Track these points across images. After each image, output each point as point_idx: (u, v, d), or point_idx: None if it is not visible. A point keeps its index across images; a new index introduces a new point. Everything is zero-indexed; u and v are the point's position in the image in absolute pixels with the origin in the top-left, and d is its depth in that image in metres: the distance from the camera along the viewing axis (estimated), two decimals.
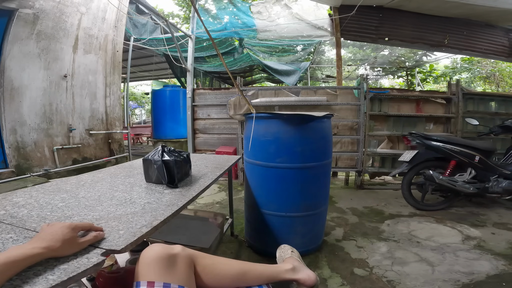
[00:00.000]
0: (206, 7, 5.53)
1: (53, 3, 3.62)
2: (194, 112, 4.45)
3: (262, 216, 1.87)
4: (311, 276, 0.95)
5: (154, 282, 0.65)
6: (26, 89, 3.38)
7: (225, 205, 2.99)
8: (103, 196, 1.06)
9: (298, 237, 1.85)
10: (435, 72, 10.47)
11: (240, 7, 4.89)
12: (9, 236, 0.71)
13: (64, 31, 3.81)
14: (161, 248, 0.72)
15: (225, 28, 5.00)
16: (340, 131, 3.95)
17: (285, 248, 1.12)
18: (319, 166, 1.79)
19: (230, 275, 0.82)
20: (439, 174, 2.74)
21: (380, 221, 2.57)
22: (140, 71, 9.61)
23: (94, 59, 4.40)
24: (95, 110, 4.47)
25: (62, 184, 1.23)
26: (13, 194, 1.07)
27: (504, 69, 10.65)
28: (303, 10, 4.76)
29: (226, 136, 4.38)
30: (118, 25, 4.82)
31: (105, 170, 1.56)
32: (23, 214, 0.86)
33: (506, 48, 4.94)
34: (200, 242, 1.62)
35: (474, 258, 1.87)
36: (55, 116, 3.77)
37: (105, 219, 0.83)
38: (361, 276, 1.68)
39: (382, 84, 13.89)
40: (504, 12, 4.16)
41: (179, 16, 11.80)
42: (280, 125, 1.74)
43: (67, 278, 0.54)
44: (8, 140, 3.22)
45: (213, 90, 4.46)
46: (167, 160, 1.20)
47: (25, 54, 3.34)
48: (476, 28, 4.75)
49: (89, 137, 4.33)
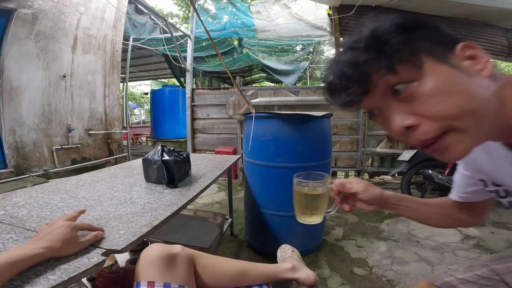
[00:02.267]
0: (206, 7, 5.52)
1: (52, 3, 3.61)
2: (194, 112, 4.45)
3: (261, 215, 1.87)
4: (310, 275, 0.95)
5: (154, 282, 0.65)
6: (25, 89, 3.37)
7: (224, 204, 2.99)
8: (103, 196, 1.06)
9: (297, 237, 1.85)
10: None
11: (239, 7, 4.89)
12: (9, 236, 0.71)
13: (63, 31, 3.81)
14: (161, 248, 0.72)
15: (225, 28, 5.00)
16: (339, 130, 3.95)
17: (285, 248, 1.13)
18: (319, 166, 1.79)
19: (230, 275, 0.82)
20: (438, 174, 2.75)
21: (379, 220, 2.58)
22: (139, 71, 9.59)
23: (93, 59, 4.39)
24: (94, 110, 4.47)
25: (62, 184, 1.23)
26: (12, 194, 1.07)
27: (503, 69, 10.68)
28: (302, 10, 4.77)
29: (225, 136, 4.38)
30: (117, 25, 4.81)
31: (105, 170, 1.56)
32: (23, 214, 0.86)
33: (505, 48, 4.95)
34: (200, 242, 1.62)
35: (473, 258, 1.88)
36: (54, 116, 3.76)
37: (105, 219, 0.84)
38: (361, 276, 1.69)
39: None
40: (503, 12, 4.17)
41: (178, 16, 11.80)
42: (279, 124, 1.74)
43: (67, 278, 0.54)
44: (7, 140, 3.21)
45: (213, 90, 4.46)
46: (166, 160, 1.20)
47: (24, 54, 3.33)
48: (475, 28, 4.76)
49: (88, 137, 4.32)
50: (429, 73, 0.39)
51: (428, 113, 0.39)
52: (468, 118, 0.38)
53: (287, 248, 1.12)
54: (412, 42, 0.39)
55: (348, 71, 0.42)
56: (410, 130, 0.41)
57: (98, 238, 0.69)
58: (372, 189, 0.71)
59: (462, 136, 0.39)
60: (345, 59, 0.43)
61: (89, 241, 0.66)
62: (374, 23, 0.42)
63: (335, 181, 0.73)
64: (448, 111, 0.38)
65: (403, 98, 0.41)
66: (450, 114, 0.38)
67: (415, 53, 0.39)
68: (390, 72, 0.40)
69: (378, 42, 0.40)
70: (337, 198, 0.73)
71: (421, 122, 0.40)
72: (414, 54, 0.39)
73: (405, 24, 0.40)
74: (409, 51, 0.39)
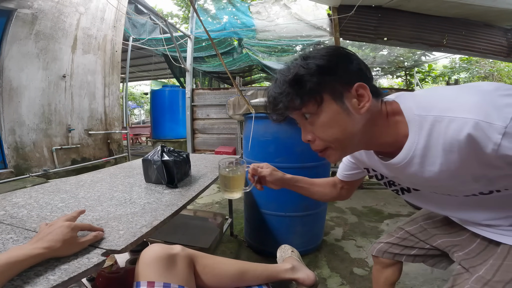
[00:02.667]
0: (205, 7, 5.52)
1: (52, 3, 3.62)
2: (193, 112, 4.45)
3: (261, 216, 1.87)
4: (310, 275, 0.95)
5: (154, 282, 0.65)
6: (24, 89, 3.37)
7: (224, 205, 2.99)
8: (102, 196, 1.06)
9: (297, 237, 1.85)
10: (433, 72, 10.50)
11: (239, 7, 4.90)
12: (9, 236, 0.71)
13: (63, 31, 3.81)
14: (160, 248, 0.72)
15: (224, 28, 5.00)
16: None
17: (285, 248, 1.13)
18: (318, 166, 1.80)
19: (230, 275, 0.82)
20: None
21: (379, 220, 2.58)
22: (139, 71, 9.60)
23: (93, 59, 4.39)
24: (94, 110, 4.47)
25: (62, 184, 1.23)
26: (12, 194, 1.07)
27: (502, 69, 10.69)
28: (302, 10, 4.77)
29: (225, 136, 4.38)
30: (117, 25, 4.82)
31: (105, 170, 1.56)
32: (23, 214, 0.86)
33: (505, 48, 4.95)
34: (200, 242, 1.62)
35: None
36: (54, 116, 3.76)
37: (105, 219, 0.84)
38: (361, 276, 1.69)
39: (381, 83, 13.91)
40: (503, 12, 4.17)
41: (178, 16, 11.81)
42: (279, 125, 1.74)
43: (68, 278, 0.54)
44: (7, 140, 3.21)
45: (212, 90, 4.46)
46: (166, 160, 1.20)
47: (23, 54, 3.33)
48: (474, 28, 4.76)
49: (88, 137, 4.32)
50: (324, 110, 0.60)
51: (318, 135, 0.64)
52: (338, 143, 0.63)
53: (287, 248, 1.12)
54: (322, 83, 0.58)
55: (276, 100, 0.63)
56: (310, 142, 0.66)
57: (98, 238, 0.69)
58: (276, 173, 0.96)
59: (334, 151, 0.65)
60: (276, 90, 0.63)
61: (89, 241, 0.66)
62: (301, 61, 0.60)
63: (250, 166, 0.95)
64: (327, 138, 0.63)
65: (309, 121, 0.63)
66: (328, 139, 0.63)
67: (320, 94, 0.59)
68: (301, 106, 0.60)
69: (298, 82, 0.59)
70: (252, 179, 0.95)
71: (315, 140, 0.65)
72: (319, 95, 0.59)
73: (324, 65, 0.58)
74: (317, 92, 0.59)
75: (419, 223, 1.00)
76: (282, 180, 0.96)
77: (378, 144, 0.66)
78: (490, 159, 0.51)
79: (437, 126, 0.55)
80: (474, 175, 0.58)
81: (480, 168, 0.55)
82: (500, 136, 0.47)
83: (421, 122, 0.57)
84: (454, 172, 0.58)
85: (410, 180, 0.71)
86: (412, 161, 0.61)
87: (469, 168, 0.56)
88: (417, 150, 0.59)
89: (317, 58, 0.59)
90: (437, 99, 0.58)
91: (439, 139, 0.55)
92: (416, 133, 0.58)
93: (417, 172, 0.63)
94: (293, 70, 0.60)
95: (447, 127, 0.53)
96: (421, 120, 0.57)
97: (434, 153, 0.58)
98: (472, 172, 0.57)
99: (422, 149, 0.59)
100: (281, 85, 0.61)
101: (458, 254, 0.83)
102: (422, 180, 0.65)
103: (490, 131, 0.48)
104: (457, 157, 0.54)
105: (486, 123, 0.48)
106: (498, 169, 0.54)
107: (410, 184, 0.75)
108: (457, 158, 0.55)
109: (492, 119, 0.48)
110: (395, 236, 1.04)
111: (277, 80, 0.63)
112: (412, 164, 0.62)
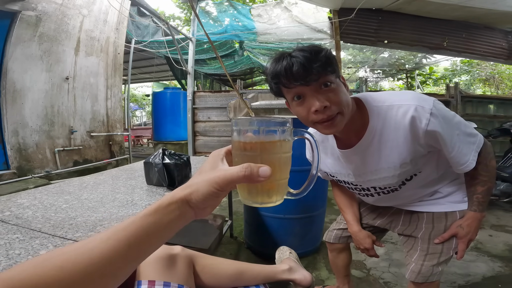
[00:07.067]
0: (207, 10, 5.56)
1: (56, 5, 3.66)
2: (195, 115, 4.48)
3: (261, 218, 1.89)
4: (307, 276, 0.97)
5: (155, 281, 0.68)
6: (28, 91, 3.41)
7: (224, 207, 3.01)
8: (105, 198, 1.08)
9: (296, 239, 1.87)
10: (434, 74, 10.51)
11: (240, 9, 4.93)
12: (16, 236, 0.73)
13: (66, 33, 3.85)
14: (161, 249, 0.74)
15: (226, 30, 5.04)
16: None
17: (283, 250, 1.15)
18: None
19: (228, 275, 0.84)
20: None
21: None
22: (141, 73, 9.65)
23: (96, 61, 4.43)
24: (96, 112, 4.50)
25: (65, 186, 1.25)
26: (17, 195, 1.09)
27: (503, 71, 10.68)
28: (303, 13, 4.80)
29: (226, 138, 4.41)
30: (120, 28, 4.86)
31: (107, 172, 1.58)
32: (28, 215, 0.89)
33: (505, 50, 4.96)
34: (200, 243, 1.64)
35: (470, 260, 1.89)
36: (57, 118, 3.80)
37: (107, 220, 0.86)
38: (358, 278, 1.70)
39: (382, 86, 13.92)
40: (503, 14, 4.19)
41: (180, 19, 11.87)
42: None
43: None
44: (10, 141, 3.24)
45: (214, 93, 4.49)
46: (167, 163, 1.23)
47: (27, 56, 3.37)
48: (475, 31, 4.77)
49: (90, 139, 4.35)
50: (338, 84, 0.74)
51: (336, 100, 0.72)
52: (347, 108, 0.75)
53: (285, 249, 1.14)
54: (336, 67, 0.73)
55: (310, 61, 0.69)
56: (325, 109, 0.71)
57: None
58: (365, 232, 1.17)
59: (342, 118, 0.74)
60: (306, 55, 0.69)
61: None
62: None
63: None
64: (343, 102, 0.73)
65: (325, 90, 0.72)
66: (343, 104, 0.73)
67: (337, 72, 0.74)
68: (330, 74, 0.71)
69: (331, 57, 0.72)
70: None
71: (331, 106, 0.72)
72: (337, 73, 0.74)
73: (333, 56, 0.74)
74: (336, 70, 0.73)
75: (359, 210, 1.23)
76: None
77: (349, 129, 0.82)
78: (421, 135, 0.76)
79: (390, 112, 0.79)
80: (410, 152, 0.81)
81: (414, 145, 0.79)
82: (429, 114, 0.74)
83: (379, 110, 0.80)
84: (400, 149, 0.81)
85: (361, 169, 0.91)
86: (373, 140, 0.82)
87: (408, 145, 0.79)
88: (377, 131, 0.81)
89: (328, 50, 0.74)
90: (388, 96, 0.82)
91: (391, 121, 0.79)
92: (375, 118, 0.81)
93: (375, 151, 0.83)
94: (325, 48, 0.73)
95: (397, 111, 0.78)
96: (378, 109, 0.81)
97: (388, 132, 0.80)
98: (408, 148, 0.80)
99: (380, 130, 0.81)
100: (316, 53, 0.70)
101: (397, 228, 1.09)
102: (374, 164, 0.86)
103: (424, 112, 0.75)
104: (402, 134, 0.78)
105: (421, 107, 0.76)
106: (422, 148, 0.80)
107: (359, 176, 0.93)
108: (402, 135, 0.78)
109: (423, 104, 0.76)
110: (344, 222, 1.23)
111: (305, 50, 0.71)
112: (373, 143, 0.83)
